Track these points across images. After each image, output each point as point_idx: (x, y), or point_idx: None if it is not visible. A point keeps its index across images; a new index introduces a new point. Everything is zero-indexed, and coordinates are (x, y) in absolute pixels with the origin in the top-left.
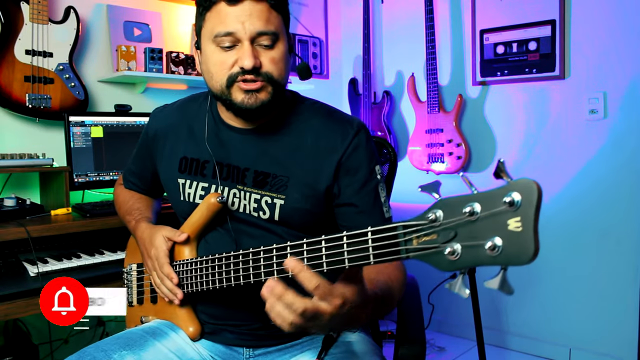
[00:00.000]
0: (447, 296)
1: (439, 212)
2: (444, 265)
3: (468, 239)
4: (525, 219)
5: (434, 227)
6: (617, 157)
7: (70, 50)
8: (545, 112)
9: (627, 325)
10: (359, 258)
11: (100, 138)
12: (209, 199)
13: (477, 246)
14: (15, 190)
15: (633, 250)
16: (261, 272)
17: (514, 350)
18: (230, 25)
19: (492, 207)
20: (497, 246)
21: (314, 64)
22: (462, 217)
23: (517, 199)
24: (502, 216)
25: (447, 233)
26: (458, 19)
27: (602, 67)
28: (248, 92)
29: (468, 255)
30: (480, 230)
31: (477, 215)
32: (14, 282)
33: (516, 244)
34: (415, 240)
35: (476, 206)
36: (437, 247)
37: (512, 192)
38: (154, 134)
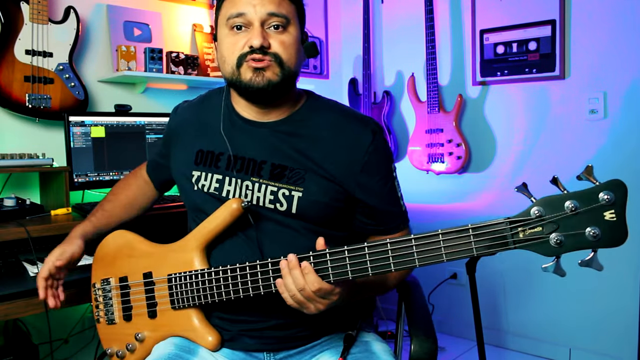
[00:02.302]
0: (447, 296)
1: (540, 209)
2: (549, 252)
3: (570, 229)
4: (618, 210)
5: (540, 221)
6: (617, 157)
7: (70, 50)
8: (545, 112)
9: (627, 325)
10: (462, 251)
11: (102, 138)
12: (230, 204)
13: (580, 234)
14: (15, 190)
15: (633, 251)
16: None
17: (514, 350)
18: (242, 7)
19: (590, 203)
20: (597, 233)
21: (314, 64)
22: (565, 212)
23: (612, 196)
24: (599, 210)
25: (552, 225)
26: (458, 19)
27: (602, 67)
28: (256, 70)
29: (570, 242)
30: (580, 221)
31: (578, 209)
32: (14, 282)
33: (612, 230)
34: (522, 233)
35: (576, 202)
36: (544, 237)
37: (606, 191)
38: (173, 130)
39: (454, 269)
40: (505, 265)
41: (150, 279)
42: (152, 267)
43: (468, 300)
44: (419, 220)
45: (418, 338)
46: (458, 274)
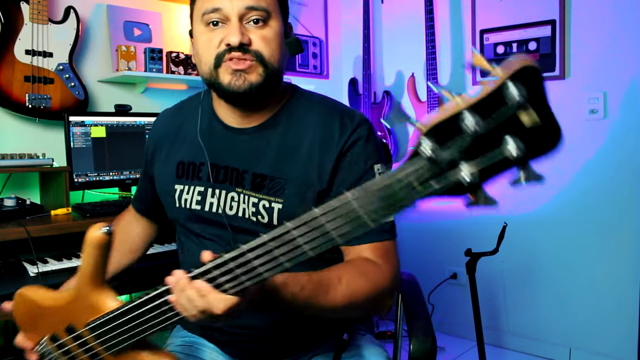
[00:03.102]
0: (447, 296)
1: (429, 143)
2: (462, 190)
3: (481, 155)
4: (538, 106)
5: (435, 161)
6: (617, 157)
7: (70, 50)
8: None
9: (627, 325)
10: (354, 228)
11: (103, 138)
12: (91, 235)
13: (497, 156)
14: (15, 190)
15: (633, 250)
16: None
17: (514, 350)
18: (218, 1)
19: (495, 110)
20: (519, 146)
21: (314, 64)
22: (464, 137)
23: (522, 88)
24: (511, 115)
25: (454, 160)
26: (458, 19)
27: (602, 67)
28: (236, 73)
29: (488, 170)
30: (491, 140)
31: (480, 127)
32: (14, 282)
33: (540, 137)
34: (418, 184)
35: (473, 118)
36: (450, 181)
37: (509, 84)
38: (153, 143)
39: (454, 269)
40: (505, 265)
41: (75, 332)
42: (71, 319)
43: (468, 300)
44: (419, 220)
45: (417, 338)
46: (458, 274)
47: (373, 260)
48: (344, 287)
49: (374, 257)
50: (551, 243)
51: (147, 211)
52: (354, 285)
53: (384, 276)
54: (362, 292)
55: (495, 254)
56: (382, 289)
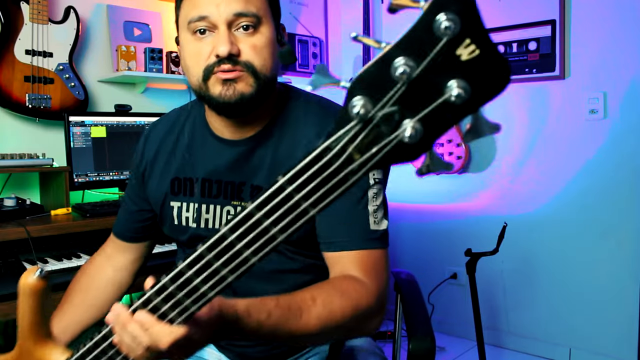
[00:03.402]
0: (447, 296)
1: (360, 100)
2: (414, 153)
3: (421, 104)
4: (476, 36)
5: (369, 121)
6: (617, 157)
7: (70, 50)
8: (545, 112)
9: (627, 325)
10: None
11: (103, 138)
12: (23, 282)
13: (441, 105)
14: (15, 190)
15: (633, 250)
16: None
17: (514, 350)
18: (204, 8)
19: (426, 49)
20: (464, 86)
21: (314, 64)
22: (397, 85)
23: (454, 17)
24: (445, 51)
25: (391, 116)
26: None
27: (602, 67)
28: (226, 82)
29: (433, 121)
30: (429, 85)
31: (413, 70)
32: (14, 282)
33: (483, 71)
34: (356, 153)
35: (403, 61)
36: (390, 142)
37: (438, 14)
38: (147, 160)
39: (454, 269)
40: (505, 265)
41: None
42: None
43: (468, 300)
44: (419, 221)
45: (416, 337)
46: (458, 274)
47: (356, 277)
48: (319, 308)
49: (359, 272)
50: (551, 243)
51: (137, 235)
52: (331, 305)
53: (368, 294)
54: (340, 313)
55: (495, 254)
56: (366, 308)
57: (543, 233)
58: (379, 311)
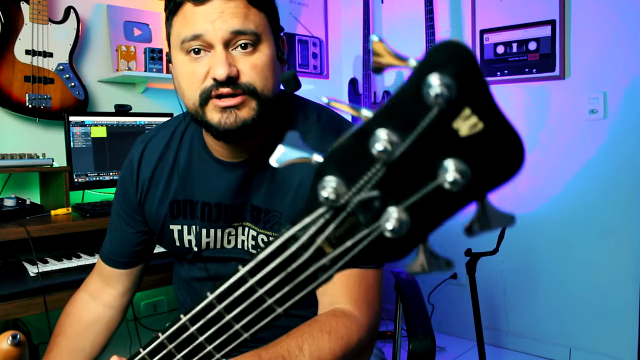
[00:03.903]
0: (447, 296)
1: (331, 182)
2: (402, 251)
3: (408, 191)
4: (479, 105)
5: (342, 208)
6: (617, 157)
7: (70, 50)
8: (545, 112)
9: (627, 325)
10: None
11: (103, 138)
12: None
13: (430, 193)
14: (15, 190)
15: (633, 250)
16: None
17: (514, 350)
18: (198, 26)
19: (414, 121)
20: (461, 171)
21: (314, 64)
22: (377, 166)
23: (445, 82)
24: (438, 125)
25: (370, 202)
26: (458, 19)
27: (602, 67)
28: (225, 110)
29: (423, 213)
30: (419, 166)
31: (397, 147)
32: (14, 282)
33: (488, 150)
34: (327, 246)
35: (386, 135)
36: (369, 235)
37: (429, 77)
38: (142, 184)
39: (454, 269)
40: (505, 265)
41: None
42: None
43: (468, 300)
44: None
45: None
46: (458, 274)
47: (346, 310)
48: (307, 357)
49: (349, 302)
50: (551, 243)
51: (132, 260)
52: (320, 352)
53: (359, 329)
54: (330, 356)
55: (495, 254)
56: (357, 344)
57: (543, 233)
58: (371, 342)
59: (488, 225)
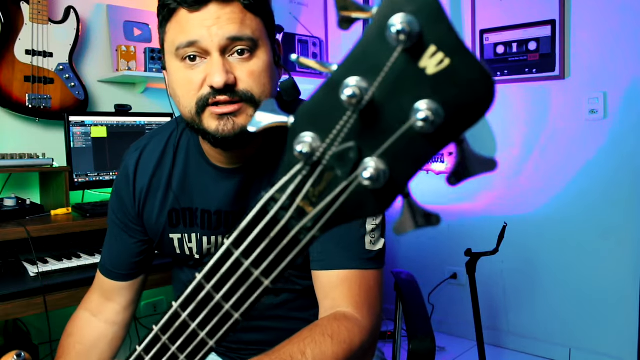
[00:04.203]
0: (447, 296)
1: (306, 137)
2: (381, 204)
3: (381, 138)
4: (443, 41)
5: (318, 163)
6: (617, 157)
7: (70, 50)
8: (545, 112)
9: (627, 325)
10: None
11: (104, 138)
12: None
13: (403, 136)
14: (15, 190)
15: (633, 250)
16: None
17: (514, 350)
18: (193, 32)
19: (380, 64)
20: (433, 110)
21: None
22: (347, 113)
23: (406, 20)
24: (404, 65)
25: (345, 154)
26: (458, 19)
27: (602, 67)
28: (222, 117)
29: (399, 160)
30: (391, 111)
31: (365, 92)
32: (14, 282)
33: (457, 86)
34: (307, 205)
35: (354, 82)
36: (347, 188)
37: (391, 19)
38: (139, 193)
39: (454, 269)
40: (505, 265)
41: None
42: None
43: (468, 300)
44: None
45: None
46: (458, 274)
47: (347, 313)
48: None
49: (350, 305)
50: (551, 243)
51: (133, 271)
52: (323, 356)
53: (361, 332)
54: (333, 359)
55: (495, 254)
56: (359, 347)
57: (543, 233)
58: (373, 344)
59: (470, 171)
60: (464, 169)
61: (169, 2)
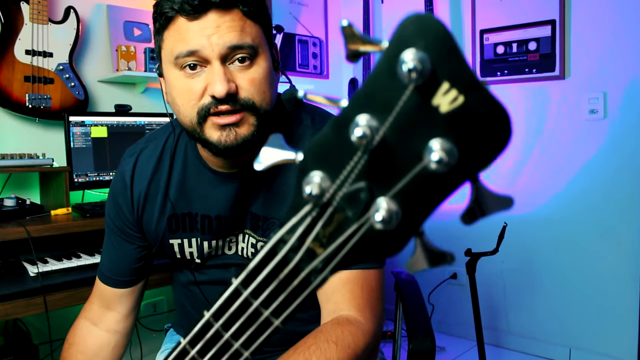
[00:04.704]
0: (447, 296)
1: (315, 177)
2: (394, 246)
3: (394, 179)
4: (457, 78)
5: (328, 204)
6: (617, 157)
7: (70, 50)
8: (545, 112)
9: (627, 325)
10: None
11: (104, 138)
12: None
13: (416, 177)
14: (15, 190)
15: (633, 250)
16: None
17: (514, 350)
18: (193, 41)
19: (391, 102)
20: (447, 150)
21: (314, 64)
22: (359, 153)
23: (418, 57)
24: (416, 103)
25: (356, 195)
26: (458, 19)
27: (602, 67)
28: (225, 127)
29: (412, 201)
30: (403, 151)
31: (375, 131)
32: (14, 282)
33: (472, 125)
34: (317, 246)
35: (365, 121)
36: (358, 230)
37: (401, 55)
38: (137, 195)
39: (454, 269)
40: (505, 265)
41: None
42: None
43: (468, 300)
44: None
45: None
46: (458, 274)
47: (350, 317)
48: None
49: (353, 308)
50: (551, 243)
51: (132, 277)
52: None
53: (365, 335)
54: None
55: (495, 254)
56: (364, 349)
57: (543, 233)
58: (376, 346)
59: (485, 210)
60: (479, 208)
61: (166, 10)
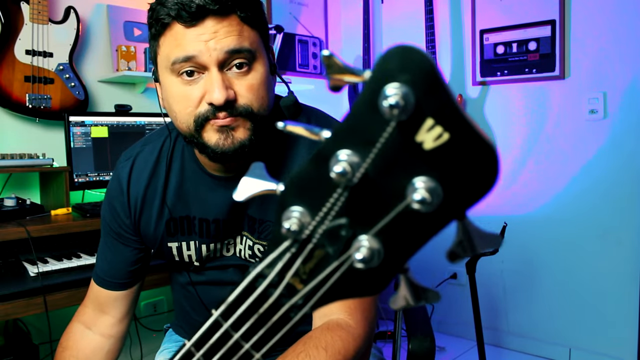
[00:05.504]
0: (447, 296)
1: (295, 212)
2: (376, 285)
3: (376, 216)
4: (441, 113)
5: (308, 240)
6: (617, 157)
7: (70, 50)
8: (545, 112)
9: (627, 326)
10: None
11: (104, 138)
12: None
13: (399, 216)
14: (15, 190)
15: (633, 250)
16: None
17: (514, 350)
18: (190, 47)
19: (373, 137)
20: (430, 189)
21: (314, 64)
22: (339, 190)
23: (400, 92)
24: (400, 139)
25: (337, 231)
26: (458, 19)
27: (602, 67)
28: (223, 131)
29: (395, 239)
30: (386, 187)
31: (356, 168)
32: (14, 282)
33: (457, 162)
34: (297, 282)
35: (345, 156)
36: (339, 267)
37: (384, 89)
38: (134, 199)
39: (454, 269)
40: (505, 265)
41: None
42: None
43: (468, 300)
44: None
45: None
46: (458, 274)
47: (340, 321)
48: None
49: (344, 312)
50: (551, 243)
51: (128, 280)
52: None
53: (355, 339)
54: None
55: (495, 254)
56: (354, 354)
57: (543, 233)
58: (367, 349)
59: (472, 249)
60: (466, 247)
61: (162, 17)
